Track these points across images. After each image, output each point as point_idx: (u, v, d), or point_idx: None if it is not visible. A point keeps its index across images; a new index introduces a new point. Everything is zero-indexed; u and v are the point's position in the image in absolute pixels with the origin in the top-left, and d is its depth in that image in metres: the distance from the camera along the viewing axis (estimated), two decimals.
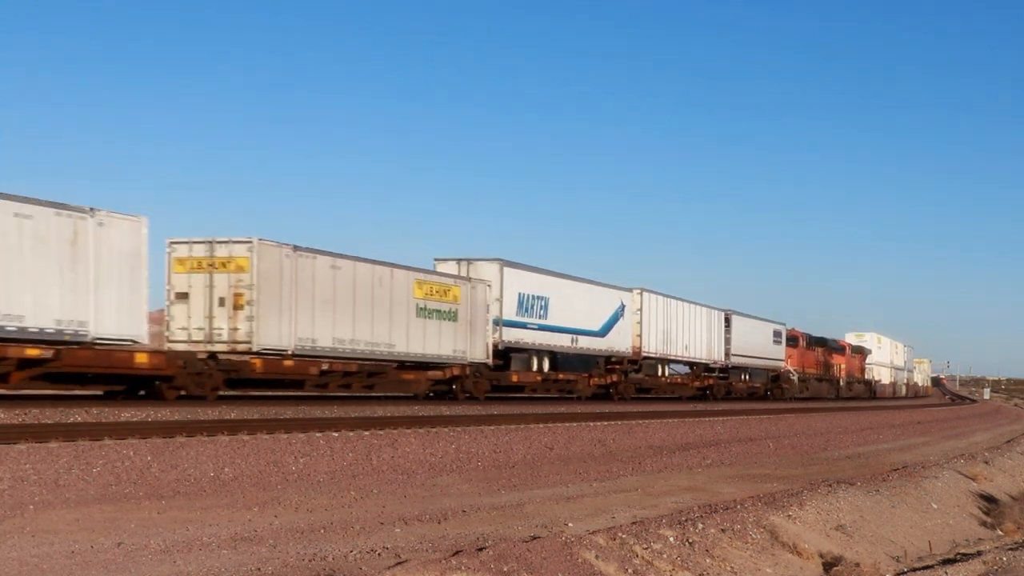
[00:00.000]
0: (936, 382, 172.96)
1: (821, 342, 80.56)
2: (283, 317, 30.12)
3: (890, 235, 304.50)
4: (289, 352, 30.47)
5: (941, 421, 54.31)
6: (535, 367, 42.55)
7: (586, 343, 45.94)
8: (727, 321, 61.01)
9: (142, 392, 27.76)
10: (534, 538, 10.87)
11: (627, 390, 49.49)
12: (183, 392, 27.70)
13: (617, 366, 48.86)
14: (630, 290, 49.97)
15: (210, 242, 29.71)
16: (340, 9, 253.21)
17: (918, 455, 28.32)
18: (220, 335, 29.40)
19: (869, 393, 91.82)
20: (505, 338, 40.10)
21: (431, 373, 36.66)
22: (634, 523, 12.49)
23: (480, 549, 10.00)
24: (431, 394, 37.12)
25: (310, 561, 9.85)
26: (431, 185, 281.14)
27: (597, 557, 10.57)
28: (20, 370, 24.49)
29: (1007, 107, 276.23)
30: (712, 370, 59.54)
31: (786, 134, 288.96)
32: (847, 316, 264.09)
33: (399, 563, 9.46)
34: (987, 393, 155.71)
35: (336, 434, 20.99)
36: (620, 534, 11.46)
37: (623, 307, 48.92)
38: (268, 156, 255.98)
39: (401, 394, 36.59)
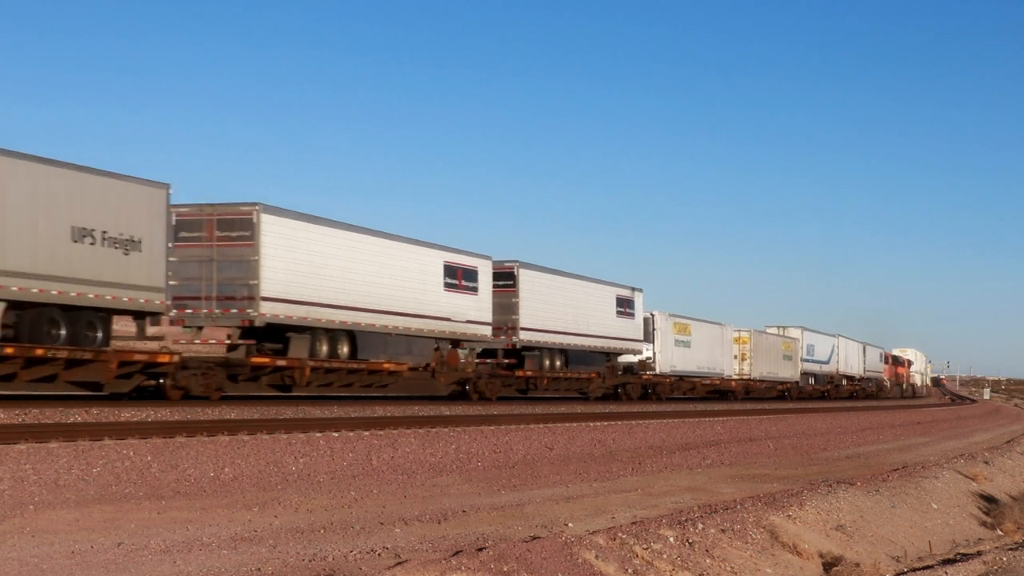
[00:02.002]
0: (936, 382, 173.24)
1: (896, 359, 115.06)
2: (761, 364, 68.90)
3: (889, 235, 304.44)
4: (758, 379, 68.83)
5: (941, 421, 54.29)
6: (809, 383, 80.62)
7: (824, 368, 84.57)
8: (864, 348, 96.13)
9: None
10: (534, 538, 10.87)
11: (832, 393, 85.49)
12: (737, 397, 64.85)
13: (828, 379, 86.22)
14: (835, 335, 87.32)
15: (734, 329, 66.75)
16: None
17: (918, 455, 28.31)
18: (734, 370, 65.79)
19: (912, 393, 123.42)
20: (803, 369, 78.00)
21: (780, 386, 73.98)
22: (634, 523, 12.49)
23: (480, 549, 10.00)
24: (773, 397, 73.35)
25: (310, 561, 9.85)
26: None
27: (597, 557, 10.57)
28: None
29: (1008, 104, 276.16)
30: (855, 380, 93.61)
31: (779, 129, 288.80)
32: (845, 316, 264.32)
33: (399, 563, 9.46)
34: (987, 393, 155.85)
35: (336, 434, 20.99)
36: (620, 534, 11.46)
37: (834, 345, 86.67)
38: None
39: (769, 396, 71.50)
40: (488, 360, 40.82)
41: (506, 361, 41.67)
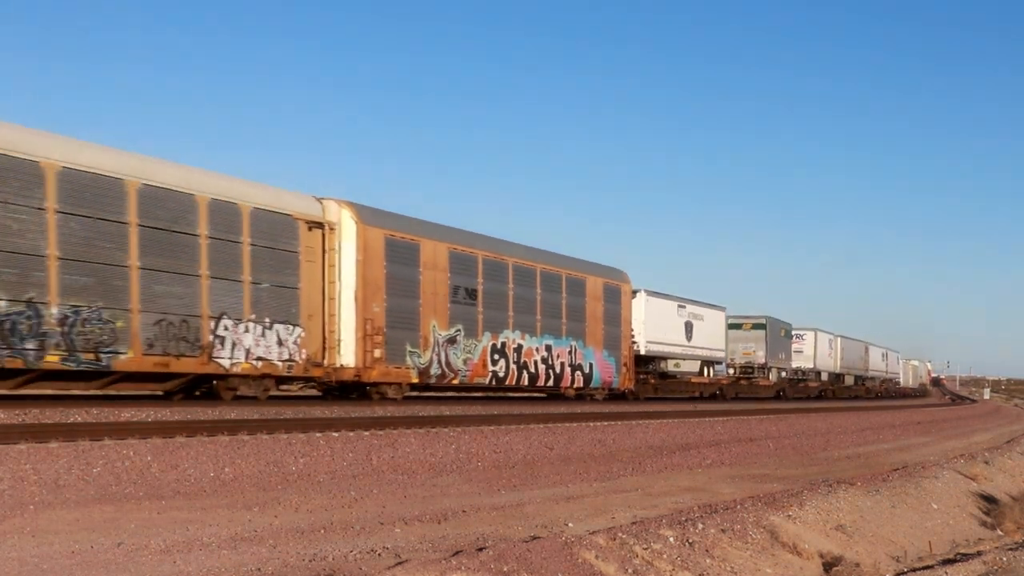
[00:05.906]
0: (936, 382, 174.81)
1: (929, 370, 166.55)
2: (916, 379, 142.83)
3: (888, 235, 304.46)
4: (911, 387, 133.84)
5: (941, 421, 54.29)
6: (918, 388, 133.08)
7: (923, 380, 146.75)
8: (925, 364, 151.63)
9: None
10: (534, 538, 10.88)
11: (923, 393, 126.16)
12: (905, 396, 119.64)
13: (922, 385, 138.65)
14: (926, 360, 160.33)
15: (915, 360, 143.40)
16: None
17: (918, 455, 28.32)
18: (909, 383, 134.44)
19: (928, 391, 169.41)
20: (919, 380, 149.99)
21: (912, 391, 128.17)
22: (634, 523, 12.50)
23: (480, 549, 10.01)
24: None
25: (310, 561, 9.86)
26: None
27: (597, 557, 10.58)
28: None
29: (1010, 102, 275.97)
30: (924, 384, 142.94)
31: (781, 126, 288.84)
32: (840, 316, 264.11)
33: (399, 563, 9.47)
34: (987, 393, 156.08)
35: (336, 434, 20.99)
36: (620, 534, 11.46)
37: (926, 366, 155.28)
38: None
39: (908, 394, 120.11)
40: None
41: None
